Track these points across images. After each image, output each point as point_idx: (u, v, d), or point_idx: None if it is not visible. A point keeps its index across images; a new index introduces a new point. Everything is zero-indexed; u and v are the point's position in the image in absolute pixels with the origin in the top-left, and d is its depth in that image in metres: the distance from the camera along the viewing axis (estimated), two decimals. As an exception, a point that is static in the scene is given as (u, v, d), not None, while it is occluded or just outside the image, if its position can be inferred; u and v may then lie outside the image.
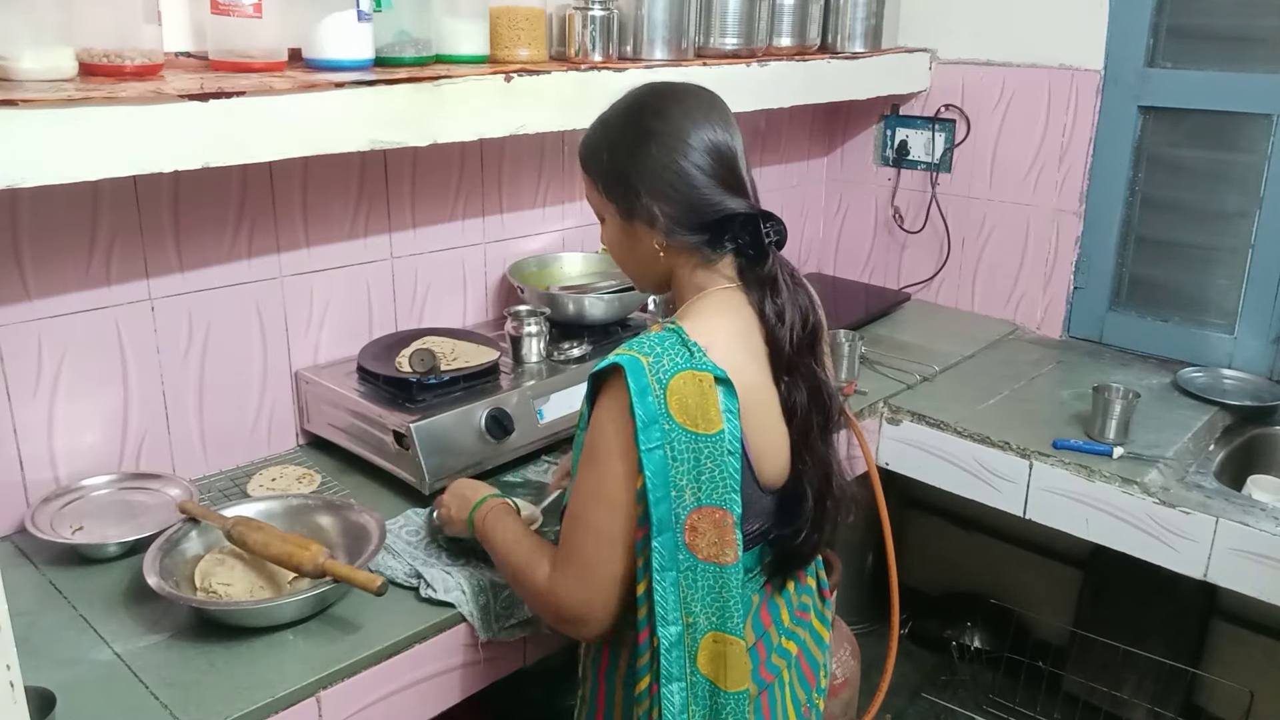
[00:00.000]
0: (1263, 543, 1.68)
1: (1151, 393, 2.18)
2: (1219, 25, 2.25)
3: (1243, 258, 2.27)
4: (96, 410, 1.59)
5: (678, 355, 1.09)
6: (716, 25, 2.05)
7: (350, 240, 1.86)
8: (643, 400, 1.07)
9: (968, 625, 2.76)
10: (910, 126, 2.72)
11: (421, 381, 1.66)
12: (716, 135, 1.14)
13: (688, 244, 1.17)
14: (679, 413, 1.07)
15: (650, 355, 1.09)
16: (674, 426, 1.07)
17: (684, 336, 1.11)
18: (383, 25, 1.58)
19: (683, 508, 1.09)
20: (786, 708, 1.27)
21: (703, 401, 1.08)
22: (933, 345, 2.43)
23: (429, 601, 1.39)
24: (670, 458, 1.07)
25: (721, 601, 1.12)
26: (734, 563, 1.12)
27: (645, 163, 1.14)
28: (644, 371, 1.07)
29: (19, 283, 1.47)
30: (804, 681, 1.31)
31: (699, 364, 1.09)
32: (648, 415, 1.07)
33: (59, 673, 1.23)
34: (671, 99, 1.17)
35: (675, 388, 1.07)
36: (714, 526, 1.10)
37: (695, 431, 1.08)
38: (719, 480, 1.09)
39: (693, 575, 1.11)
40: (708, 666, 1.14)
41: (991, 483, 2.00)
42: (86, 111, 1.16)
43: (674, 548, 1.09)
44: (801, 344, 1.16)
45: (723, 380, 1.09)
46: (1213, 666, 2.40)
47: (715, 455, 1.09)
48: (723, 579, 1.12)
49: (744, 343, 1.15)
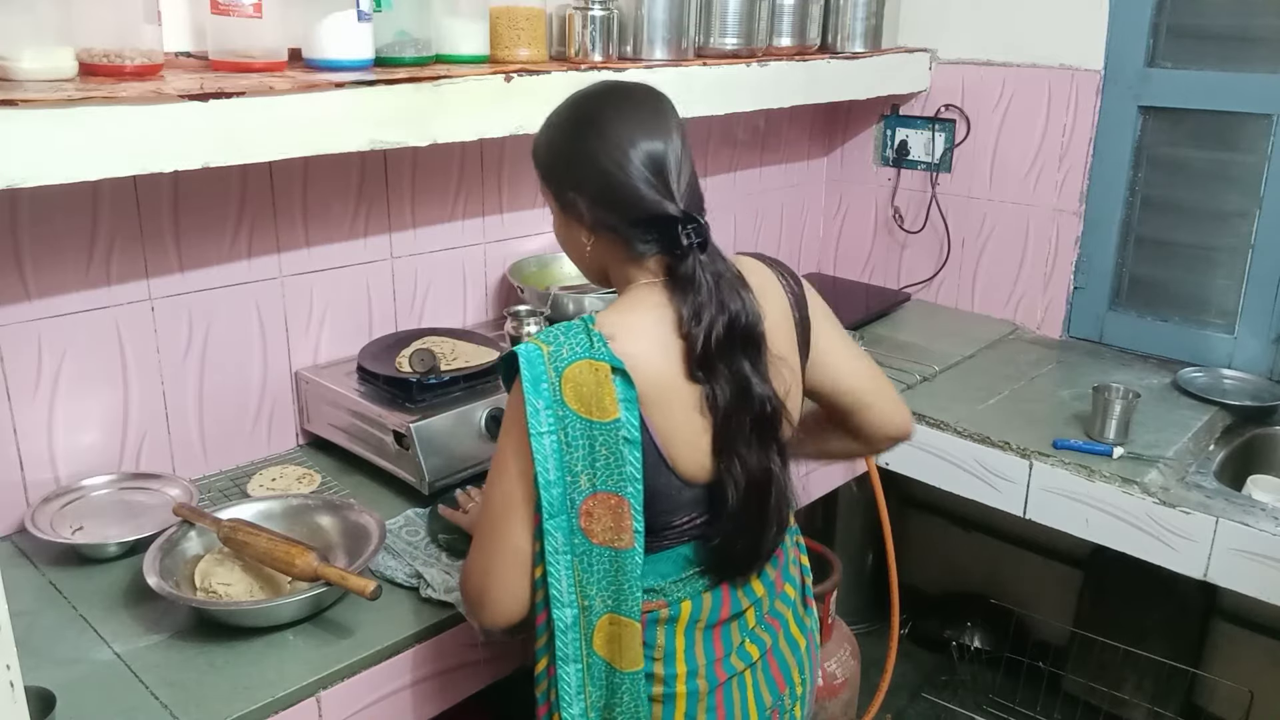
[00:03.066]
0: (1263, 543, 1.68)
1: (1151, 393, 2.18)
2: (1219, 25, 2.25)
3: (1243, 258, 2.27)
4: (96, 410, 1.59)
5: (578, 344, 1.12)
6: (716, 25, 2.05)
7: (350, 240, 1.86)
8: (536, 387, 1.10)
9: (968, 625, 2.76)
10: (910, 126, 2.72)
11: (421, 381, 1.66)
12: (646, 136, 1.15)
13: (611, 239, 1.19)
14: (573, 400, 1.10)
15: (551, 344, 1.12)
16: (568, 413, 1.10)
17: (589, 327, 1.14)
18: (383, 25, 1.58)
19: (578, 493, 1.12)
20: (748, 708, 1.26)
21: (598, 390, 1.10)
22: (933, 345, 2.43)
23: (429, 601, 1.39)
24: (564, 443, 1.10)
25: (618, 585, 1.15)
26: (630, 547, 1.14)
27: (574, 158, 1.17)
28: (541, 360, 1.11)
29: (19, 283, 1.47)
30: (771, 685, 1.30)
31: (597, 354, 1.11)
32: (543, 401, 1.10)
33: (59, 673, 1.23)
34: (609, 98, 1.20)
35: (570, 375, 1.10)
36: (609, 512, 1.12)
37: (590, 419, 1.10)
38: (615, 467, 1.12)
39: (588, 559, 1.13)
40: (604, 648, 1.16)
41: (991, 483, 2.00)
42: (86, 111, 1.16)
43: (568, 532, 1.12)
44: (720, 344, 1.15)
45: (619, 370, 1.11)
46: (1213, 666, 2.40)
47: (610, 443, 1.11)
48: (619, 563, 1.14)
49: (654, 336, 1.16)
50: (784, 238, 2.87)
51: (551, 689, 1.17)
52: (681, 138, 1.18)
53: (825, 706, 2.16)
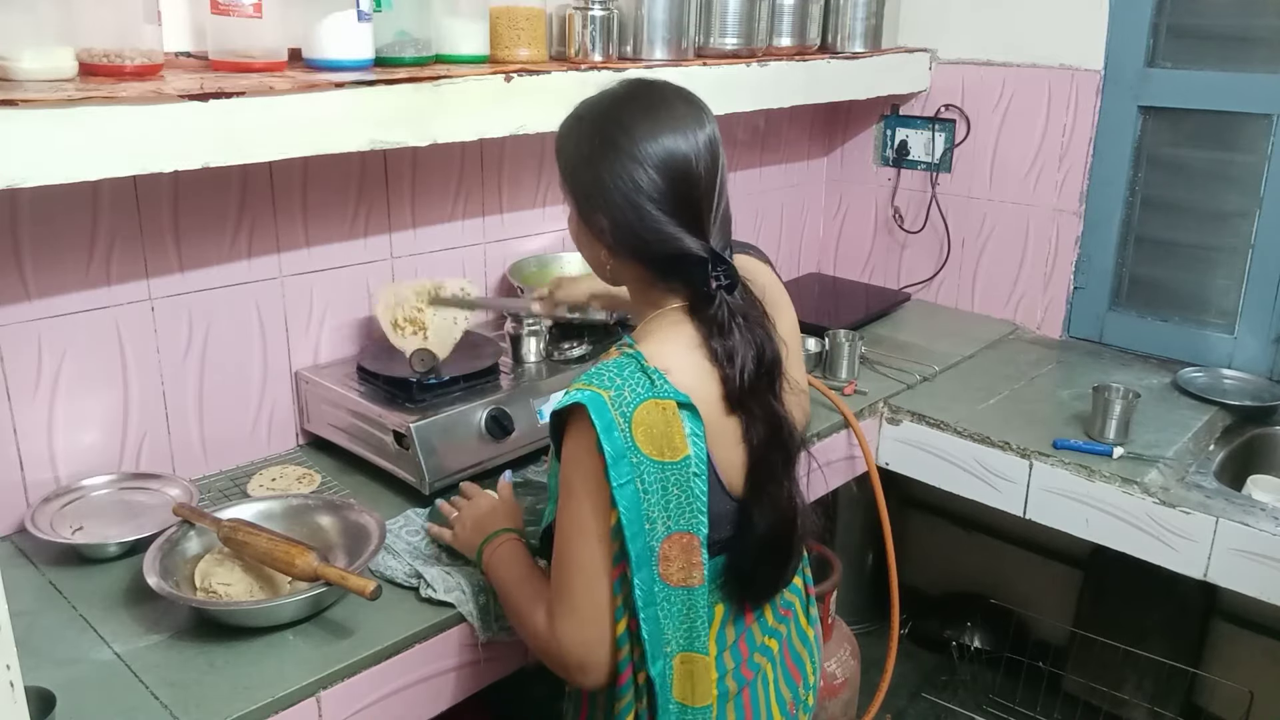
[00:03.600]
0: (1263, 543, 1.68)
1: (1151, 393, 2.18)
2: (1219, 25, 2.25)
3: (1243, 258, 2.27)
4: (96, 410, 1.59)
5: (639, 385, 1.07)
6: (716, 25, 2.05)
7: (350, 240, 1.86)
8: (609, 436, 1.05)
9: (968, 625, 2.76)
10: (910, 126, 2.72)
11: (421, 381, 1.66)
12: (676, 159, 1.08)
13: (633, 266, 1.15)
14: (645, 444, 1.06)
15: (611, 388, 1.07)
16: (642, 459, 1.06)
17: (643, 363, 1.09)
18: (383, 25, 1.58)
19: (655, 539, 1.08)
20: (770, 705, 1.26)
21: (668, 430, 1.07)
22: (933, 345, 2.43)
23: (429, 601, 1.39)
24: (641, 491, 1.06)
25: (689, 623, 1.12)
26: (700, 584, 1.12)
27: (601, 175, 1.10)
28: (606, 407, 1.05)
29: (19, 283, 1.47)
30: (789, 679, 1.31)
31: (660, 392, 1.07)
32: (615, 451, 1.05)
33: (59, 673, 1.23)
34: (644, 110, 1.11)
35: (640, 419, 1.06)
36: (682, 552, 1.10)
37: (662, 460, 1.07)
38: (686, 504, 1.09)
39: (668, 605, 1.11)
40: (678, 687, 1.14)
41: (991, 483, 2.00)
42: (86, 111, 1.16)
43: (651, 582, 1.09)
44: (755, 383, 1.13)
45: (686, 405, 1.08)
46: (1213, 666, 2.40)
47: (681, 481, 1.08)
48: (690, 601, 1.12)
49: (699, 368, 1.13)
50: (784, 238, 2.87)
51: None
52: (714, 151, 1.11)
53: (825, 706, 2.16)
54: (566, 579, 1.12)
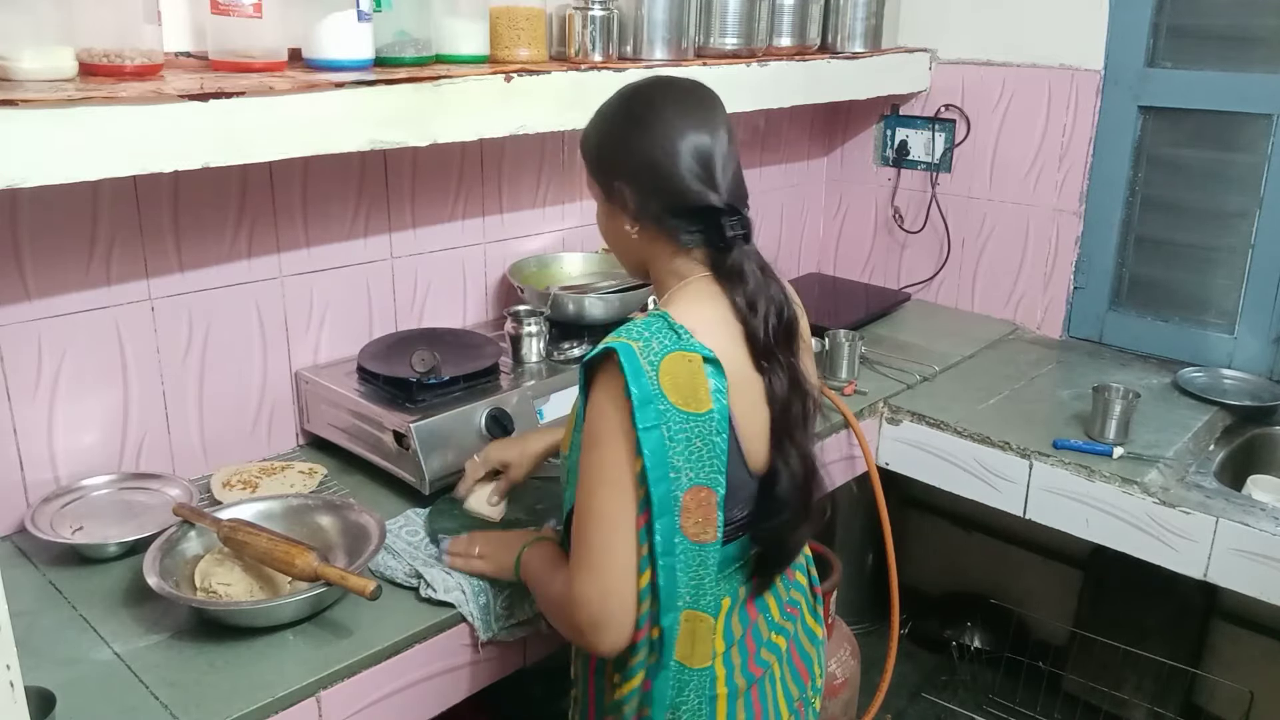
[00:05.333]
0: (1263, 543, 1.68)
1: (1151, 393, 2.18)
2: (1219, 25, 2.25)
3: (1243, 258, 2.27)
4: (96, 410, 1.59)
5: (666, 338, 1.11)
6: (716, 25, 2.05)
7: (350, 240, 1.86)
8: (637, 381, 1.08)
9: (968, 625, 2.76)
10: (910, 126, 2.72)
11: (421, 381, 1.66)
12: (694, 129, 1.16)
13: (656, 230, 1.19)
14: (672, 392, 1.09)
15: (640, 340, 1.11)
16: (669, 406, 1.09)
17: (670, 320, 1.13)
18: (383, 25, 1.58)
19: (679, 488, 1.10)
20: (779, 703, 1.27)
21: (693, 381, 1.10)
22: (933, 345, 2.43)
23: (429, 601, 1.39)
24: (667, 438, 1.08)
25: (698, 580, 1.14)
26: (713, 541, 1.13)
27: (623, 147, 1.19)
28: (636, 355, 1.09)
29: (19, 283, 1.47)
30: (796, 677, 1.32)
31: (687, 345, 1.11)
32: (643, 395, 1.08)
33: (59, 673, 1.23)
34: (659, 92, 1.20)
35: (667, 368, 1.09)
36: (700, 506, 1.11)
37: (688, 411, 1.09)
38: (708, 460, 1.11)
39: (684, 559, 1.12)
40: (681, 647, 1.15)
41: (991, 483, 2.00)
42: (86, 111, 1.16)
43: (672, 531, 1.10)
44: (778, 334, 1.17)
45: (711, 360, 1.11)
46: (1213, 666, 2.40)
47: (705, 435, 1.10)
48: (702, 557, 1.13)
49: (726, 328, 1.16)
50: (784, 238, 2.87)
51: (644, 705, 1.16)
52: (728, 133, 1.19)
53: (825, 706, 2.16)
54: (585, 531, 1.12)
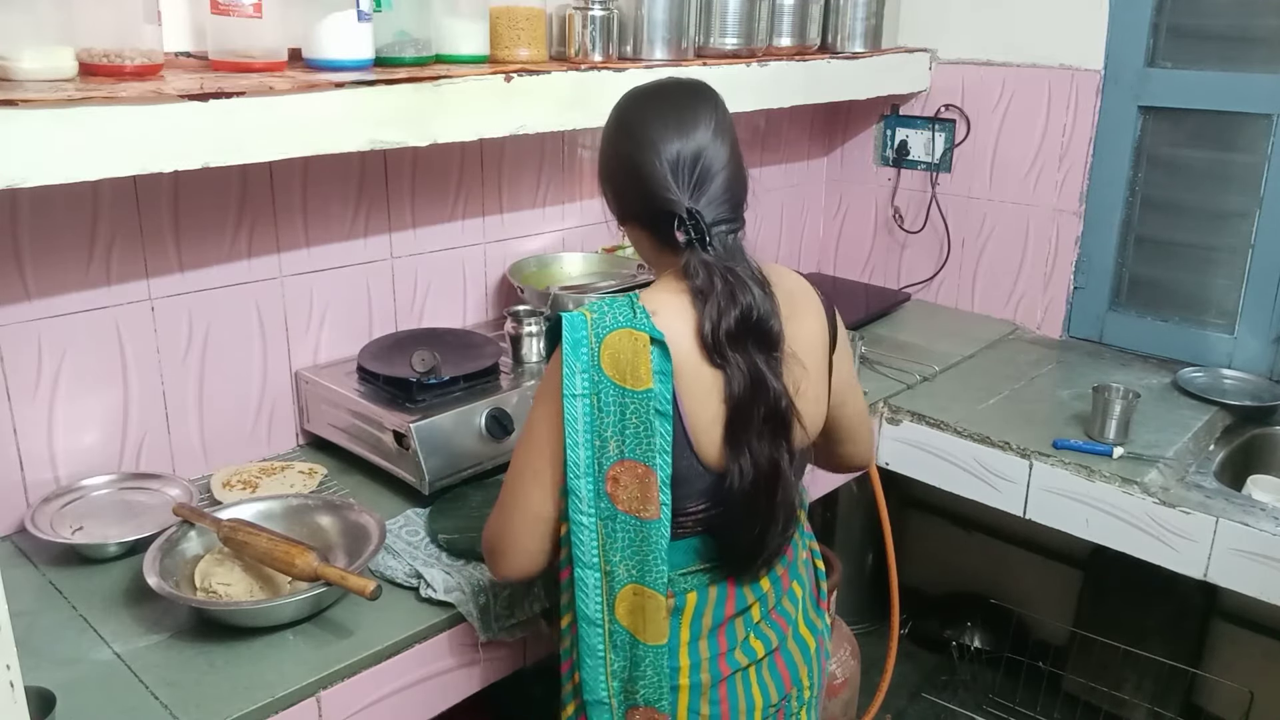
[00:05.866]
0: (1263, 543, 1.68)
1: (1151, 393, 2.18)
2: (1219, 25, 2.25)
3: (1243, 258, 2.27)
4: (96, 410, 1.59)
5: (621, 315, 1.16)
6: (716, 25, 2.05)
7: (350, 240, 1.86)
8: (576, 351, 1.14)
9: (968, 625, 2.76)
10: (910, 126, 2.72)
11: (421, 381, 1.66)
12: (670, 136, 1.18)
13: (637, 230, 1.26)
14: (610, 367, 1.14)
15: (595, 312, 1.16)
16: (603, 378, 1.14)
17: (634, 301, 1.18)
18: (383, 25, 1.58)
19: (606, 458, 1.14)
20: (754, 706, 1.27)
21: (634, 359, 1.14)
22: (933, 345, 2.43)
23: (429, 601, 1.39)
24: (596, 408, 1.14)
25: (642, 555, 1.16)
26: (656, 518, 1.15)
27: (607, 153, 1.26)
28: (584, 325, 1.15)
29: (19, 283, 1.47)
30: (778, 681, 1.30)
31: (639, 324, 1.15)
32: (578, 364, 1.14)
33: (59, 673, 1.23)
34: (645, 98, 1.25)
35: (610, 343, 1.14)
36: (636, 480, 1.14)
37: (624, 386, 1.14)
38: (644, 437, 1.14)
39: (612, 525, 1.16)
40: (627, 618, 1.18)
41: (991, 483, 2.00)
42: (86, 111, 1.16)
43: (594, 495, 1.15)
44: (730, 335, 1.16)
45: (658, 342, 1.14)
46: (1213, 666, 2.40)
47: (642, 413, 1.14)
48: (644, 533, 1.16)
49: (687, 317, 1.18)
50: (784, 238, 2.87)
51: (574, 648, 1.21)
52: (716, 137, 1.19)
53: (825, 707, 2.16)
54: (509, 476, 1.22)
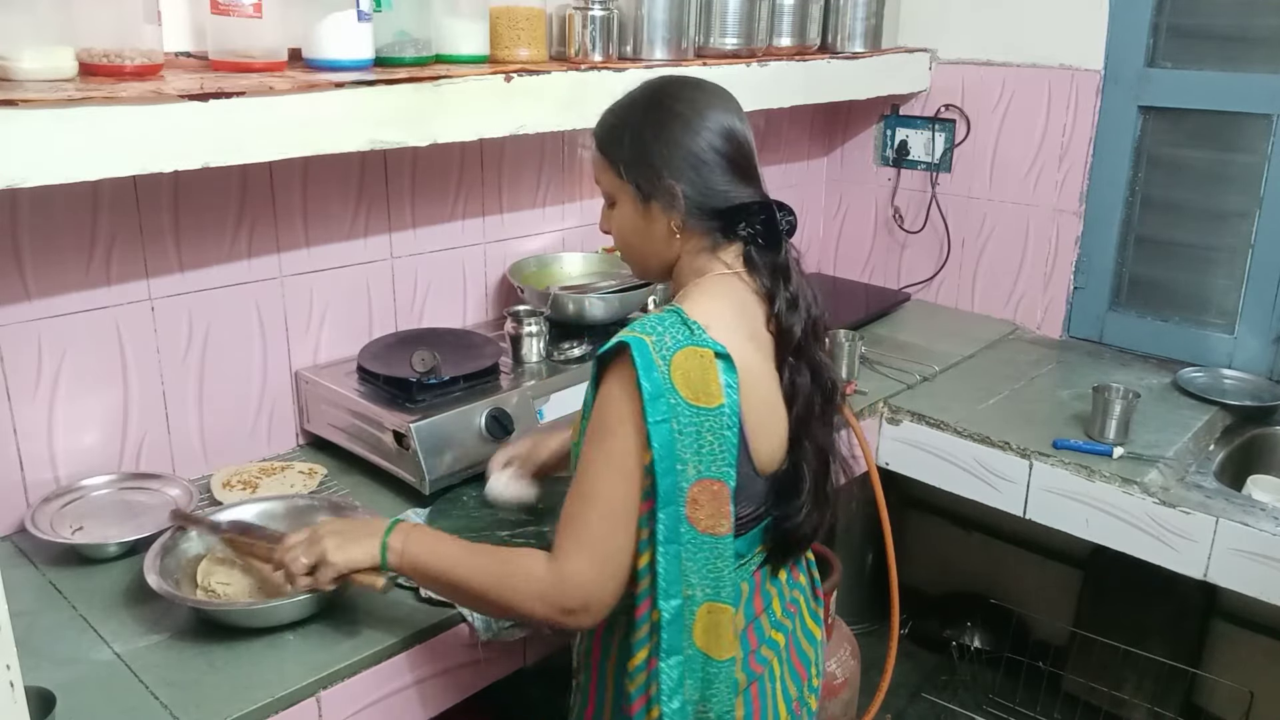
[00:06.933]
0: (1263, 543, 1.68)
1: (1151, 393, 2.18)
2: (1219, 25, 2.25)
3: (1243, 258, 2.27)
4: (96, 410, 1.59)
5: (679, 333, 1.12)
6: (716, 25, 2.05)
7: (350, 240, 1.86)
8: (649, 375, 1.09)
9: (968, 625, 2.76)
10: (910, 126, 2.72)
11: (421, 381, 1.66)
12: (734, 124, 1.20)
13: (703, 228, 1.21)
14: (683, 387, 1.10)
15: (653, 334, 1.12)
16: (679, 400, 1.10)
17: (683, 316, 1.14)
18: (383, 25, 1.58)
19: (685, 480, 1.11)
20: (777, 701, 1.28)
21: (704, 376, 1.11)
22: (933, 345, 2.43)
23: (429, 602, 1.39)
24: (676, 431, 1.10)
25: (716, 572, 1.15)
26: (727, 534, 1.14)
27: (668, 144, 1.18)
28: (649, 349, 1.10)
29: (19, 283, 1.47)
30: (795, 676, 1.33)
31: (699, 340, 1.12)
32: (654, 389, 1.09)
33: (59, 673, 1.23)
34: (692, 87, 1.23)
35: (678, 363, 1.10)
36: (712, 499, 1.13)
37: (698, 405, 1.11)
38: (719, 453, 1.12)
39: (693, 548, 1.13)
40: (702, 638, 1.16)
41: (991, 483, 2.00)
42: (86, 111, 1.16)
43: (676, 521, 1.11)
44: (811, 331, 1.20)
45: (723, 356, 1.12)
46: (1213, 666, 2.40)
47: (716, 429, 1.12)
48: (718, 550, 1.14)
49: (742, 325, 1.18)
50: (784, 238, 2.86)
51: (652, 683, 1.15)
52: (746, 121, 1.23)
53: (825, 706, 2.16)
54: (585, 514, 1.13)
